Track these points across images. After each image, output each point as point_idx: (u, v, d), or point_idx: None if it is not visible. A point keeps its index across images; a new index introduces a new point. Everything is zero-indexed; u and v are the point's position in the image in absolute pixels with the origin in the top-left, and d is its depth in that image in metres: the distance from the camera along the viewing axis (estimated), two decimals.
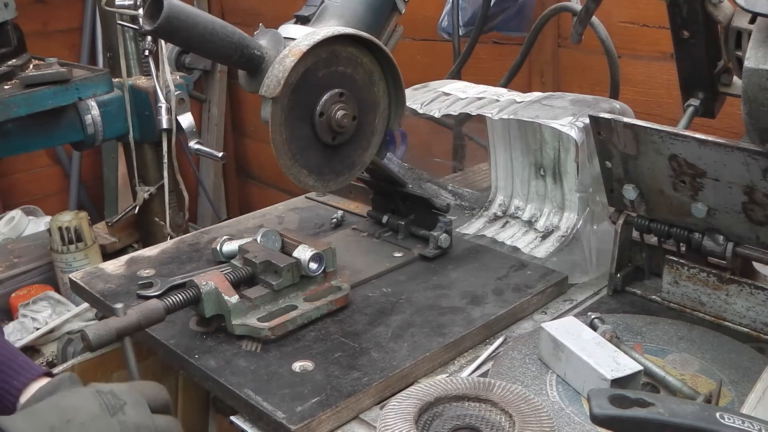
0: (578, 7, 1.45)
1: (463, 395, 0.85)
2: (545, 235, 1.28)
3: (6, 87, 1.73)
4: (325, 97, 1.03)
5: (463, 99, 1.35)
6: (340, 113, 1.04)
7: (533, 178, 1.34)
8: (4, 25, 1.80)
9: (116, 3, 1.95)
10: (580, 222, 1.24)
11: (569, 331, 0.95)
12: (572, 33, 1.23)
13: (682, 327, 1.03)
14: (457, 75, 1.79)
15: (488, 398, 0.84)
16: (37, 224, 2.53)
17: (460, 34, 1.88)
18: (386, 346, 1.00)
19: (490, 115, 1.26)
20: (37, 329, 1.78)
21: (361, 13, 1.09)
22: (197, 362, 0.98)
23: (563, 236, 1.26)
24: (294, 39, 1.02)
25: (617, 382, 0.85)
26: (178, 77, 2.02)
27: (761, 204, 0.96)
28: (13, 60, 1.82)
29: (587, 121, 1.09)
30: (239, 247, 1.13)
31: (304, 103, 1.02)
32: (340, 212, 1.43)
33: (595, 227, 1.24)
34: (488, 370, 0.98)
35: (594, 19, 1.42)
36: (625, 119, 1.02)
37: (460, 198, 1.48)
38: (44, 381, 0.86)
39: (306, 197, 1.56)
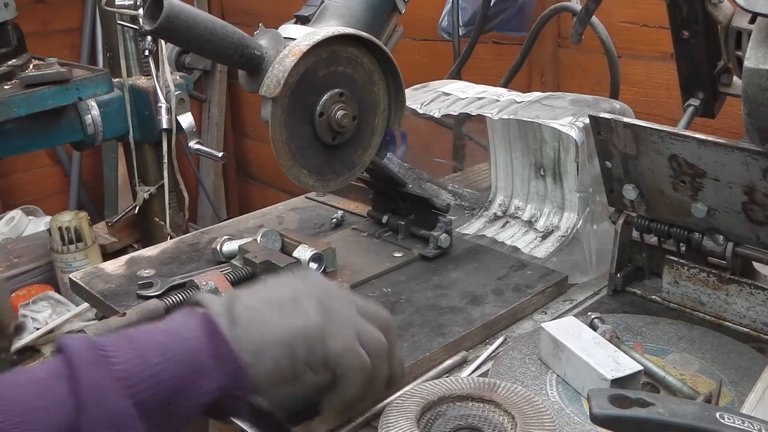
0: (578, 7, 1.45)
1: (467, 395, 0.85)
2: (545, 235, 1.28)
3: (6, 87, 1.73)
4: (325, 97, 1.03)
5: (463, 99, 1.35)
6: (340, 113, 1.04)
7: (533, 178, 1.34)
8: (4, 25, 1.80)
9: (116, 3, 1.95)
10: (580, 222, 1.24)
11: (569, 331, 0.95)
12: (572, 33, 1.23)
13: (682, 327, 1.03)
14: (457, 75, 1.79)
15: (492, 399, 0.84)
16: (37, 224, 2.53)
17: (460, 34, 1.89)
18: None
19: (490, 115, 1.26)
20: (37, 329, 1.78)
21: (360, 14, 1.09)
22: None
23: (563, 236, 1.26)
24: (294, 39, 1.02)
25: (617, 382, 0.85)
26: (178, 77, 2.02)
27: (761, 204, 0.96)
28: (13, 60, 1.82)
29: (587, 121, 1.09)
30: (239, 247, 1.13)
31: (304, 103, 1.02)
32: (340, 212, 1.43)
33: (595, 227, 1.24)
34: (488, 370, 0.98)
35: (594, 19, 1.42)
36: (625, 119, 1.02)
37: (460, 198, 1.49)
38: None
39: (306, 197, 1.56)
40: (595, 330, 0.96)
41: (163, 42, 1.96)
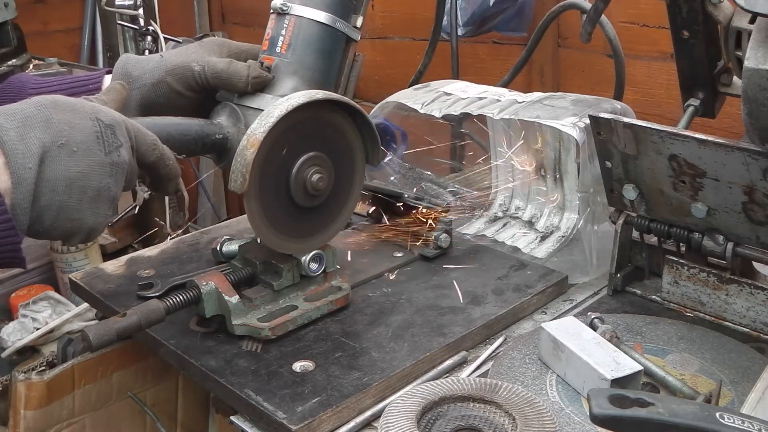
0: (587, 4, 1.45)
1: (468, 396, 0.85)
2: (545, 236, 1.28)
3: None
4: (296, 166, 0.99)
5: (464, 99, 1.35)
6: (315, 177, 1.00)
7: (533, 179, 1.34)
8: (4, 25, 1.80)
9: (116, 3, 1.95)
10: (581, 222, 1.24)
11: (569, 331, 0.95)
12: (581, 32, 1.22)
13: (682, 327, 1.03)
14: (417, 80, 1.79)
15: (492, 400, 0.84)
16: None
17: (459, 34, 1.89)
18: (387, 346, 1.00)
19: (491, 115, 1.26)
20: (37, 329, 1.78)
21: (314, 63, 1.03)
22: (197, 362, 0.98)
23: (563, 237, 1.26)
24: (253, 108, 1.00)
25: (617, 382, 0.86)
26: None
27: (761, 204, 0.96)
28: (13, 60, 1.82)
29: (588, 121, 1.09)
30: (239, 247, 1.13)
31: (277, 178, 0.98)
32: None
33: (596, 227, 1.24)
34: (488, 370, 0.98)
35: (603, 18, 1.41)
36: (625, 119, 1.02)
37: (460, 198, 1.48)
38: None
39: None
40: (595, 330, 0.96)
41: (163, 42, 1.96)
